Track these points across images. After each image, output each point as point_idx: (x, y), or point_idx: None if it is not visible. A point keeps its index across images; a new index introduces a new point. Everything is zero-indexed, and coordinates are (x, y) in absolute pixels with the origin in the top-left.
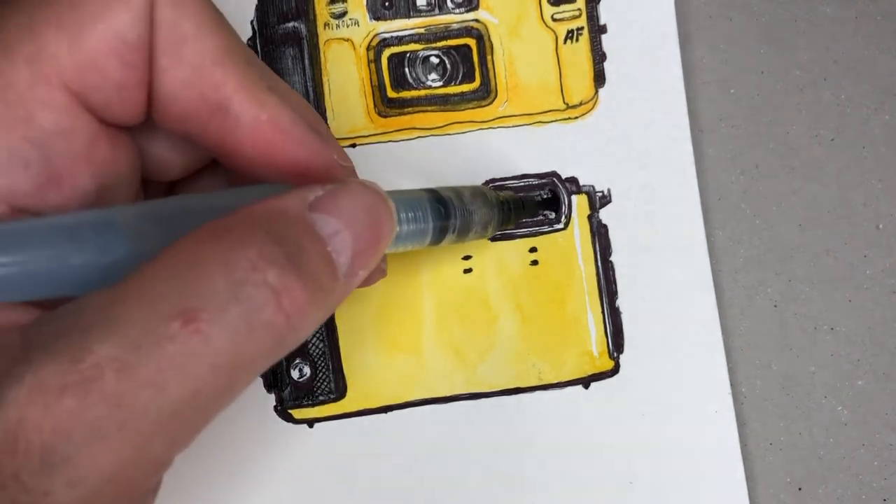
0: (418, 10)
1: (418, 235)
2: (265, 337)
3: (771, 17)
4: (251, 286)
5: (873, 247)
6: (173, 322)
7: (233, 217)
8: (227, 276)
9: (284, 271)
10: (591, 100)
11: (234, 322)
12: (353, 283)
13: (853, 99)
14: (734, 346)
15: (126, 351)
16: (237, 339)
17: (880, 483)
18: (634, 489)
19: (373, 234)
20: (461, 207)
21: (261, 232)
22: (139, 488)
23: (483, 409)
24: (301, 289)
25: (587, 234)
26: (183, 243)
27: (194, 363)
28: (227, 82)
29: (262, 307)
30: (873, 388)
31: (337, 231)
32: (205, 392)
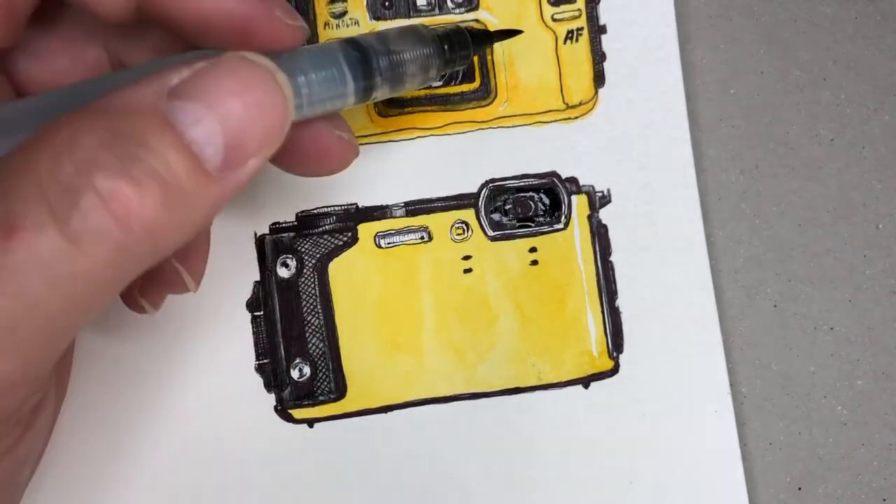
0: (418, 10)
1: (336, 98)
2: (98, 246)
3: (771, 18)
4: (75, 192)
5: (873, 247)
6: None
7: (72, 114)
8: (50, 183)
9: (112, 176)
10: (591, 100)
11: (59, 230)
12: (243, 173)
13: (853, 99)
14: (734, 345)
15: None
16: (65, 249)
17: (880, 483)
18: (634, 489)
19: (254, 115)
20: (385, 53)
21: (92, 132)
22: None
23: (483, 409)
24: (134, 192)
25: (587, 234)
26: (13, 151)
27: (23, 276)
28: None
29: (88, 215)
30: (873, 387)
31: (198, 119)
32: (43, 306)
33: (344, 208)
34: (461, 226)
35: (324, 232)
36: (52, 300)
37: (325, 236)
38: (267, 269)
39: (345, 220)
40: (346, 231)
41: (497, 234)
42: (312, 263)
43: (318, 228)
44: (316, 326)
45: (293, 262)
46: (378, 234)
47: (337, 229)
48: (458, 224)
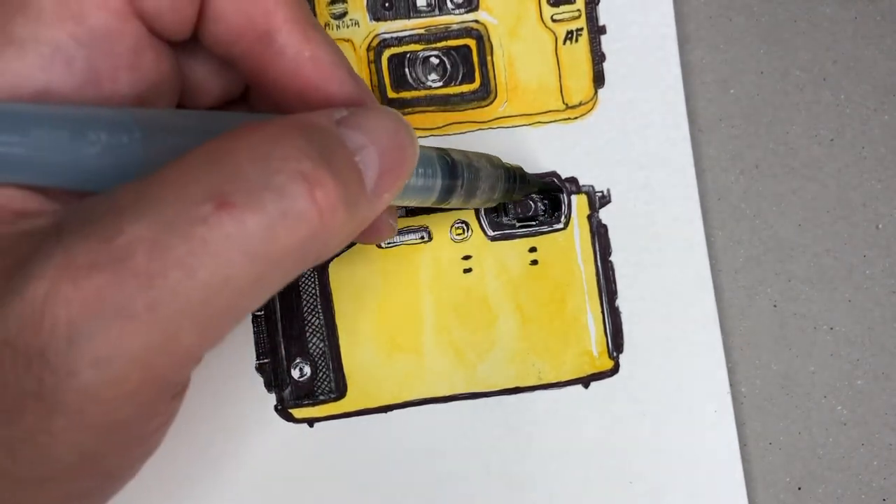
0: (418, 10)
1: (427, 190)
2: (299, 229)
3: (771, 18)
4: (285, 175)
5: (873, 247)
6: (206, 204)
7: (267, 120)
8: (261, 165)
9: (317, 164)
10: (591, 100)
11: (268, 208)
12: (379, 204)
13: (853, 99)
14: (734, 345)
15: (158, 231)
16: (271, 227)
17: (880, 483)
18: (634, 489)
19: (397, 156)
20: (468, 166)
21: (294, 131)
22: (166, 380)
23: (483, 409)
24: (333, 185)
25: (587, 233)
26: (219, 137)
27: (227, 247)
28: (277, 12)
29: (296, 197)
30: (873, 387)
31: (363, 146)
32: (236, 280)
33: None
34: (461, 226)
35: None
36: (246, 276)
37: None
38: None
39: None
40: None
41: (497, 234)
42: None
43: None
44: (316, 326)
45: None
46: None
47: None
48: (458, 224)
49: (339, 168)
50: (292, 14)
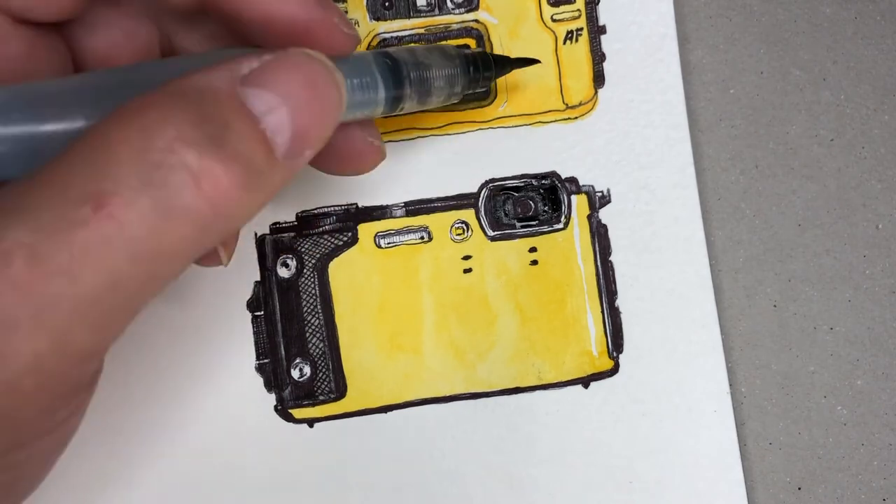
0: (418, 10)
1: (369, 104)
2: (186, 223)
3: (771, 18)
4: (167, 169)
5: (873, 247)
6: (84, 207)
7: (154, 94)
8: (141, 159)
9: (204, 153)
10: (591, 100)
11: (150, 207)
12: (298, 163)
13: (853, 99)
14: (733, 345)
15: (36, 238)
16: (154, 226)
17: (880, 483)
18: (634, 489)
19: (316, 109)
20: (415, 64)
21: (181, 111)
22: (65, 380)
23: (483, 408)
24: (224, 172)
25: (587, 234)
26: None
27: (109, 251)
28: None
29: (180, 191)
30: (873, 387)
31: (272, 108)
32: (125, 281)
33: (344, 208)
34: (461, 226)
35: (324, 232)
36: (135, 275)
37: (325, 236)
38: (267, 268)
39: (345, 220)
40: (346, 231)
41: (497, 234)
42: (312, 263)
43: (318, 228)
44: (316, 326)
45: (293, 262)
46: (378, 234)
47: (337, 229)
48: (458, 224)
49: (233, 148)
50: None
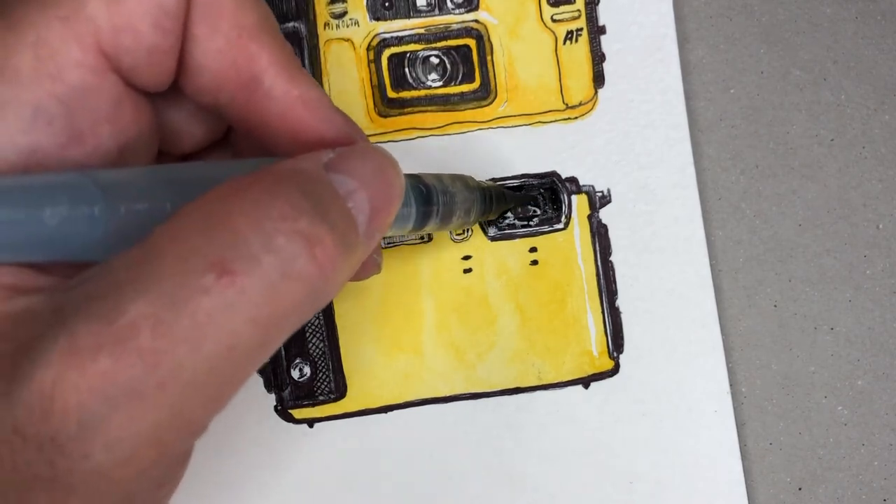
0: (418, 10)
1: (402, 220)
2: (300, 288)
3: (771, 17)
4: (283, 236)
5: (873, 247)
6: (207, 275)
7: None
8: (258, 227)
9: (314, 221)
10: (591, 100)
11: (269, 272)
12: (371, 244)
13: (853, 99)
14: (734, 346)
15: (160, 307)
16: (273, 291)
17: (880, 483)
18: (634, 489)
19: (386, 194)
20: (443, 191)
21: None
22: (176, 452)
23: (483, 409)
24: (331, 238)
25: (587, 234)
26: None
27: (231, 317)
28: (262, 56)
29: (296, 257)
30: (873, 388)
31: (353, 190)
32: (241, 347)
33: None
34: None
35: None
36: (252, 340)
37: None
38: None
39: None
40: None
41: (497, 234)
42: None
43: None
44: (316, 326)
45: None
46: None
47: None
48: None
49: (334, 219)
50: (277, 56)
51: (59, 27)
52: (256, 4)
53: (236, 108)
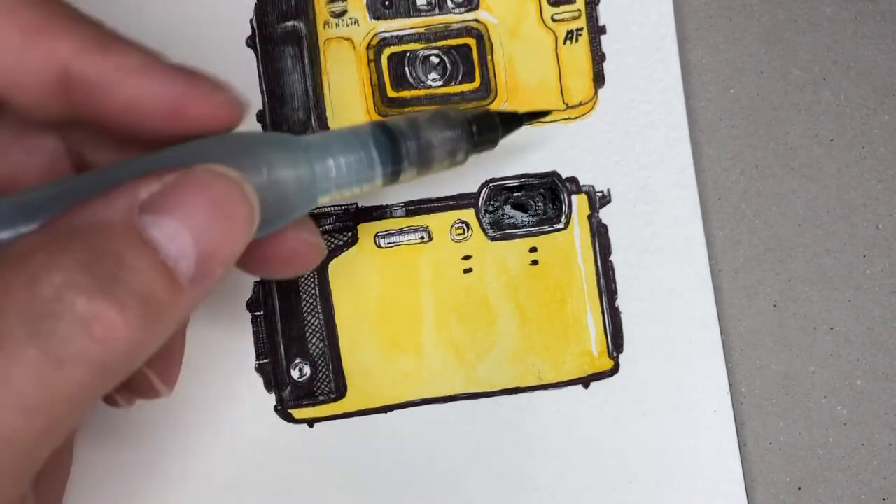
0: (418, 9)
1: (364, 181)
2: (80, 370)
3: (771, 18)
4: (55, 318)
5: (873, 247)
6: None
7: (43, 233)
8: (28, 309)
9: (94, 297)
10: (591, 100)
11: (38, 359)
12: (210, 282)
13: (853, 99)
14: (733, 345)
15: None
16: (44, 378)
17: (880, 483)
18: (634, 489)
19: (223, 229)
20: (414, 138)
21: (70, 252)
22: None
23: (483, 409)
24: (118, 313)
25: (587, 233)
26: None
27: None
28: (59, 45)
29: (70, 339)
30: (873, 387)
31: (173, 235)
32: (19, 436)
33: (344, 208)
34: (461, 226)
35: (323, 232)
36: (29, 429)
37: (324, 236)
38: None
39: (344, 219)
40: (346, 231)
41: (497, 234)
42: None
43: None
44: (316, 326)
45: None
46: (378, 234)
47: (337, 229)
48: (458, 224)
49: (128, 286)
50: (78, 35)
51: None
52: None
53: (68, 111)
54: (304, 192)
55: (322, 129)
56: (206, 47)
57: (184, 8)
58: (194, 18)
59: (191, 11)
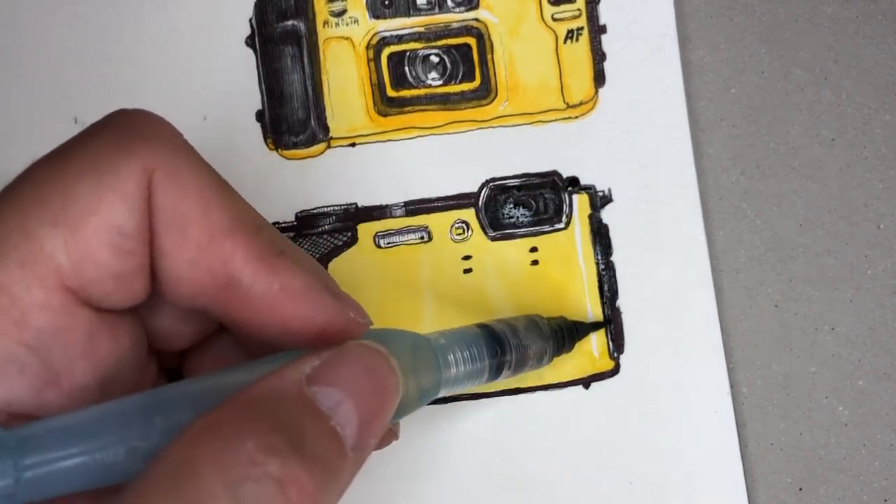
0: (418, 8)
1: (475, 375)
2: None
3: (771, 17)
4: (252, 482)
5: (874, 247)
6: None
7: (226, 406)
8: (225, 477)
9: (287, 460)
10: (591, 99)
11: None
12: (365, 454)
13: (854, 99)
14: (734, 346)
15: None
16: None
17: (881, 483)
18: (634, 489)
19: (378, 399)
20: (516, 342)
21: (257, 420)
22: None
23: (483, 409)
24: (308, 476)
25: (587, 233)
26: (176, 445)
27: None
28: (236, 255)
29: (268, 502)
30: (874, 388)
31: (339, 402)
32: None
33: (343, 208)
34: (461, 226)
35: (323, 232)
36: None
37: (324, 236)
38: None
39: (344, 220)
40: (346, 231)
41: (497, 233)
42: None
43: (317, 228)
44: None
45: None
46: (378, 234)
47: (337, 229)
48: (458, 224)
49: (313, 449)
50: (252, 250)
51: (19, 273)
52: (225, 201)
53: (220, 309)
54: (436, 389)
55: (321, 129)
56: (206, 47)
57: (184, 7)
58: (194, 18)
59: (191, 11)
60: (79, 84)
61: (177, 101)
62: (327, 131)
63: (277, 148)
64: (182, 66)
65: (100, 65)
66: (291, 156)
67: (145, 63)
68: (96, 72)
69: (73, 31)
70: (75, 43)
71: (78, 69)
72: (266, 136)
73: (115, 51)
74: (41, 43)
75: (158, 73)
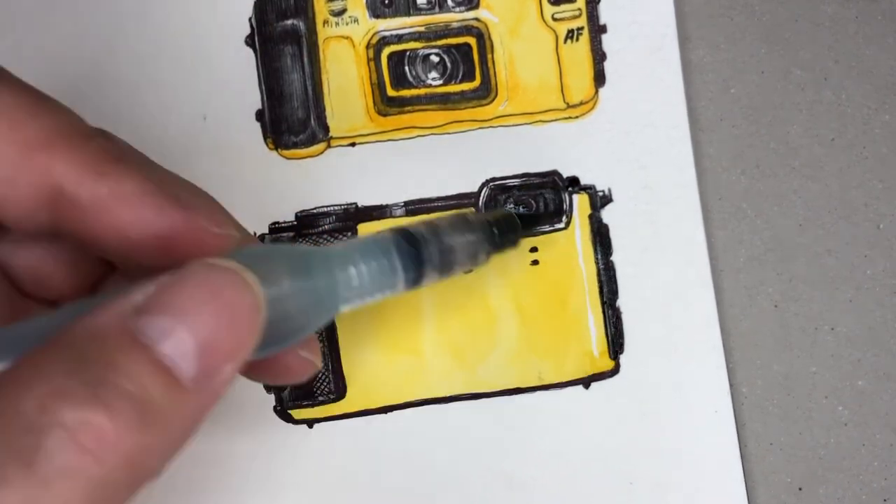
0: (418, 8)
1: (386, 285)
2: (71, 486)
3: (772, 17)
4: (38, 432)
5: (874, 247)
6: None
7: (37, 349)
8: (9, 427)
9: (81, 405)
10: (592, 99)
11: (22, 480)
12: (218, 379)
13: (854, 99)
14: (734, 346)
15: None
16: (33, 499)
17: (881, 483)
18: (634, 489)
19: (222, 320)
20: (436, 244)
21: (58, 362)
22: None
23: (483, 409)
24: (107, 418)
25: (588, 233)
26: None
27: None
28: (55, 166)
29: (56, 454)
30: (874, 388)
31: (167, 330)
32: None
33: (343, 208)
34: None
35: (323, 232)
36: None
37: (324, 236)
38: None
39: (344, 219)
40: (346, 231)
41: None
42: None
43: (317, 228)
44: None
45: None
46: None
47: (337, 229)
48: None
49: (118, 390)
50: (75, 159)
51: None
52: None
53: (65, 227)
54: (326, 301)
55: (321, 128)
56: (205, 46)
57: (184, 7)
58: (194, 17)
59: (191, 10)
60: (79, 84)
61: (177, 101)
62: (327, 131)
63: (277, 148)
64: (182, 65)
65: (100, 64)
66: (291, 155)
67: (145, 62)
68: (96, 71)
69: (73, 31)
70: (75, 43)
71: (78, 69)
72: (266, 135)
73: (115, 50)
74: (41, 43)
75: (158, 73)
